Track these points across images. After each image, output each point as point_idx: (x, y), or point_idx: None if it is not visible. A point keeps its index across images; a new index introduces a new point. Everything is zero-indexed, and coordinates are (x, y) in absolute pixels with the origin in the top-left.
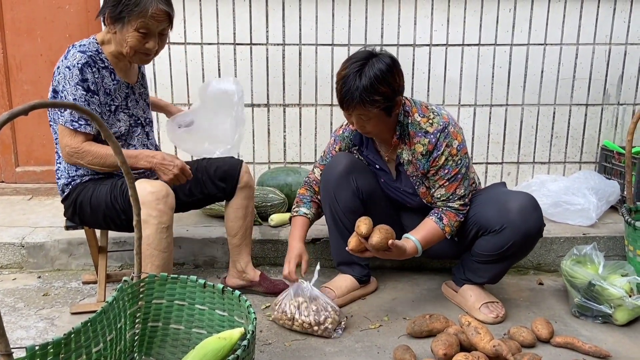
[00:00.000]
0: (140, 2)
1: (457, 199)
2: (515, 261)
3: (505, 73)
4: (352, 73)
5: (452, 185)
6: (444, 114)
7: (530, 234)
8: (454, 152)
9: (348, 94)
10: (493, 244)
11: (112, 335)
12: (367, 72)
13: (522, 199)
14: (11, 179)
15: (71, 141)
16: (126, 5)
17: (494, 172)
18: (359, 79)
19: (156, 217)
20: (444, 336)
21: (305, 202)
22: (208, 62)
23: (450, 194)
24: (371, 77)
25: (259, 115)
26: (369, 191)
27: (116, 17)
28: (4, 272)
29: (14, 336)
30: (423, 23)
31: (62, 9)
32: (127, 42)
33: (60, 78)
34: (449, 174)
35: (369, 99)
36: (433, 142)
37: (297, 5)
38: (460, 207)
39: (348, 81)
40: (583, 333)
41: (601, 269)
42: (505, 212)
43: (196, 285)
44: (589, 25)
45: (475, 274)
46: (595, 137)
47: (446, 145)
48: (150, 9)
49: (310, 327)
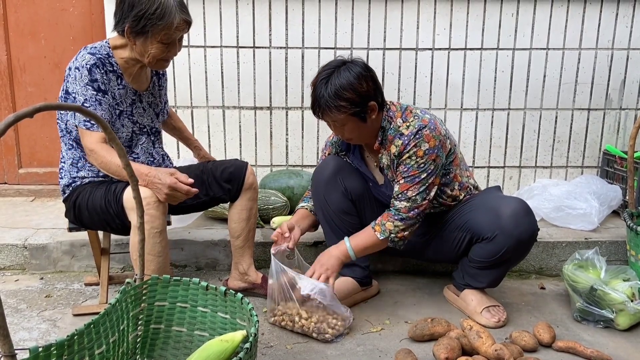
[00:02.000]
0: (164, 16)
1: (404, 200)
2: (512, 265)
3: (507, 77)
4: (320, 81)
5: (406, 184)
6: (425, 118)
7: (523, 240)
8: (419, 153)
9: (316, 101)
10: (487, 251)
11: (114, 337)
12: (333, 80)
13: (513, 204)
14: (14, 180)
15: (87, 141)
16: (149, 19)
17: (496, 176)
18: (325, 87)
19: (148, 222)
20: (445, 340)
21: (305, 200)
22: (211, 65)
23: (400, 192)
24: (336, 85)
25: (262, 118)
26: (358, 192)
27: (138, 31)
28: (7, 274)
29: (16, 337)
30: (426, 27)
31: (66, 12)
32: (150, 53)
33: (71, 79)
34: (406, 173)
35: (334, 105)
36: (405, 143)
37: (300, 9)
38: (403, 210)
39: (316, 89)
40: (585, 338)
41: (603, 274)
42: (497, 218)
43: (198, 287)
44: (591, 30)
45: (474, 278)
46: (597, 141)
47: (414, 145)
48: (174, 21)
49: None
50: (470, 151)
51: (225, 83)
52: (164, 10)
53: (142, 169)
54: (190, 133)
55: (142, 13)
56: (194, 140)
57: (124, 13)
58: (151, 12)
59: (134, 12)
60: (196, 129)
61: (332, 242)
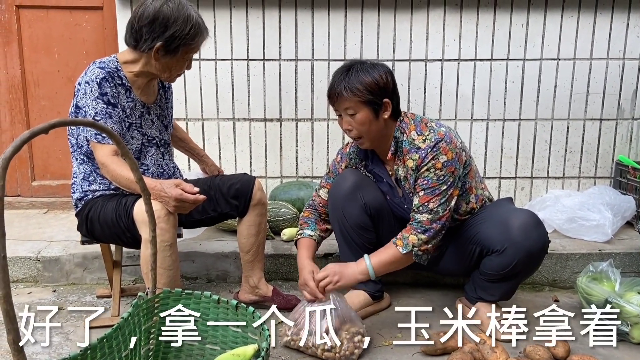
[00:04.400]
0: (196, 36)
1: (425, 212)
2: (524, 278)
3: (518, 88)
4: (342, 68)
5: (426, 197)
6: (441, 131)
7: (533, 252)
8: (438, 165)
9: (334, 83)
10: (497, 264)
11: (127, 351)
12: (356, 67)
13: (523, 217)
14: (27, 192)
15: (98, 154)
16: (183, 39)
17: (507, 186)
18: (347, 72)
19: (158, 236)
20: (459, 354)
21: (309, 224)
22: (221, 77)
23: (420, 204)
24: (358, 71)
25: (272, 130)
26: (377, 207)
27: (169, 50)
28: (20, 286)
29: (29, 351)
30: (435, 38)
31: (79, 26)
32: (172, 69)
33: (81, 94)
34: (426, 185)
35: (350, 88)
36: (422, 157)
37: (309, 22)
38: (426, 222)
39: (337, 74)
40: (600, 352)
41: (617, 286)
42: (507, 231)
43: (210, 300)
44: (602, 40)
45: (486, 291)
46: (609, 152)
47: (432, 158)
48: (202, 41)
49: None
50: (481, 162)
51: (236, 95)
52: (196, 30)
53: (148, 182)
54: (195, 144)
55: (178, 34)
56: (200, 151)
57: (154, 32)
58: (185, 33)
59: (168, 33)
60: (207, 141)
61: (346, 256)
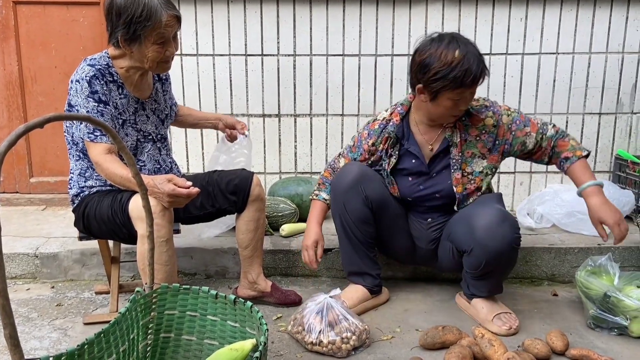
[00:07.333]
0: (151, 16)
1: (548, 129)
2: (505, 273)
3: (517, 82)
4: (470, 52)
5: (531, 126)
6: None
7: (501, 251)
8: (505, 107)
9: (479, 69)
10: (470, 264)
11: (124, 347)
12: (469, 46)
13: (487, 216)
14: (25, 189)
15: (92, 153)
16: (138, 23)
17: (507, 181)
18: (473, 55)
19: (154, 231)
20: (457, 348)
21: (327, 187)
22: (220, 73)
23: (537, 133)
24: (470, 44)
25: (270, 126)
26: (379, 200)
27: (131, 38)
28: (18, 282)
29: (27, 346)
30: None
31: (76, 22)
32: (148, 57)
33: (73, 92)
34: (522, 123)
35: (483, 71)
36: (495, 111)
37: (307, 17)
38: (557, 129)
39: (471, 60)
40: (599, 345)
41: (616, 280)
42: (471, 232)
43: (208, 296)
44: (601, 34)
45: (476, 288)
46: (609, 146)
47: (500, 107)
48: (162, 19)
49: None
50: None
51: (234, 91)
52: (149, 10)
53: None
54: (205, 113)
55: (130, 18)
56: (210, 116)
57: (113, 23)
58: (138, 15)
59: (122, 20)
60: (205, 136)
61: (345, 248)
